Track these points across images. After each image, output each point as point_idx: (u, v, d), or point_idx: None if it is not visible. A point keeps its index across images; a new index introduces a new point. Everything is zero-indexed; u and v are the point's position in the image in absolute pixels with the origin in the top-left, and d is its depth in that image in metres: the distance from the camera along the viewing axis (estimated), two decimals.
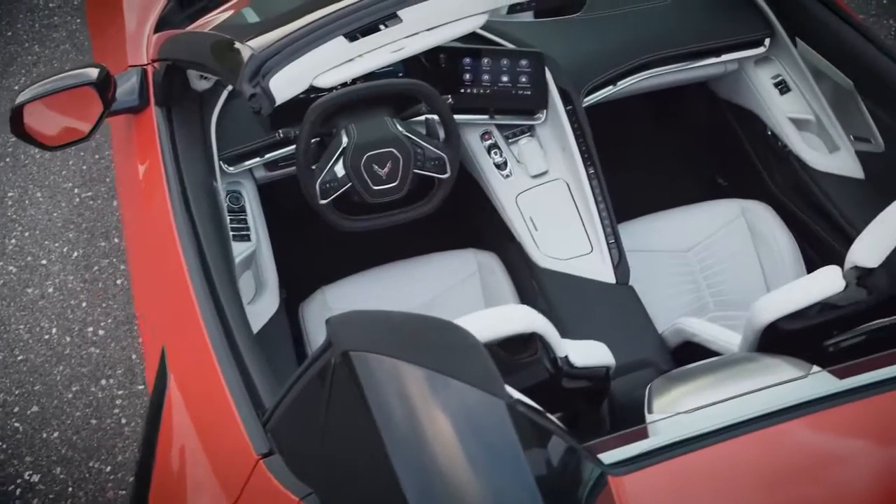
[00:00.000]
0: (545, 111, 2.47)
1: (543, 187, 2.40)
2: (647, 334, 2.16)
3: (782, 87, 2.60)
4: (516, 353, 1.56)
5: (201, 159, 2.22)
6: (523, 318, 1.53)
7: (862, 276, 1.63)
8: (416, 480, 1.18)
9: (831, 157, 2.51)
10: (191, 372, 1.75)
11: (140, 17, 2.52)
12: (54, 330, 3.12)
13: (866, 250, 1.64)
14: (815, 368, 1.54)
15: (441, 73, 2.40)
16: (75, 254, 3.30)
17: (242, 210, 2.36)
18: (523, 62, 2.39)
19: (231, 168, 2.36)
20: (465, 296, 2.41)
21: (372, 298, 2.40)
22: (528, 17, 2.75)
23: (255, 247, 2.32)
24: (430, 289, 2.42)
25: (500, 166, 2.45)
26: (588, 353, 1.69)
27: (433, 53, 2.38)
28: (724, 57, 2.61)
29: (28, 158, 3.57)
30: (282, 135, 2.27)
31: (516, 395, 1.30)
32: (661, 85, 2.64)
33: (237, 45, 1.93)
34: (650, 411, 1.50)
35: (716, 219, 2.55)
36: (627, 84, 2.56)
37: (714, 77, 2.70)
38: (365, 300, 2.39)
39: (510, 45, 2.45)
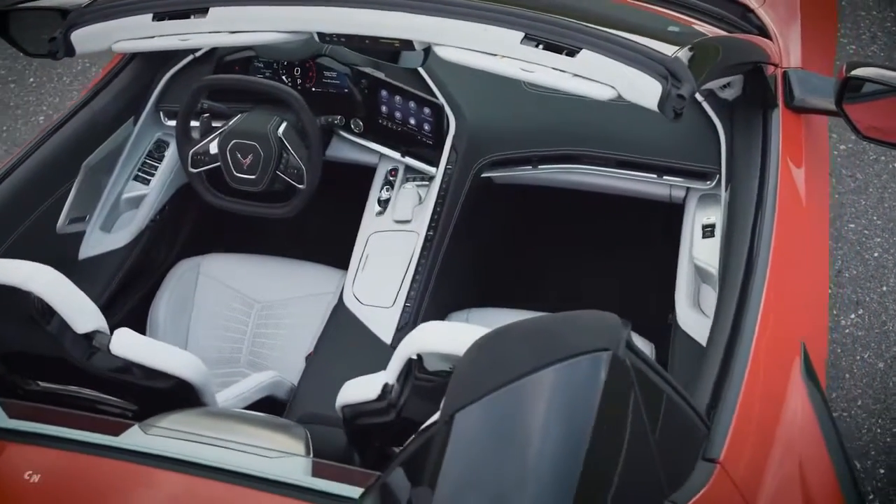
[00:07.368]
0: None
1: (397, 234, 2.38)
2: None
3: (708, 231, 2.30)
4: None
5: (129, 98, 2.51)
6: (17, 271, 1.52)
7: (389, 390, 1.52)
8: None
9: (705, 319, 2.18)
10: None
11: None
12: None
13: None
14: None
15: (363, 97, 2.47)
16: None
17: (160, 159, 2.62)
18: (426, 110, 2.39)
19: (170, 121, 2.63)
20: (308, 309, 2.46)
21: (235, 279, 2.53)
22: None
23: (147, 192, 2.58)
24: (286, 291, 2.50)
25: (382, 203, 2.46)
26: (142, 351, 1.60)
27: (357, 77, 2.46)
28: (667, 179, 2.38)
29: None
30: (205, 106, 2.50)
31: None
32: (596, 186, 2.47)
33: None
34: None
35: None
36: (549, 172, 2.44)
37: (663, 198, 2.46)
38: (229, 277, 2.53)
39: (436, 91, 2.43)
